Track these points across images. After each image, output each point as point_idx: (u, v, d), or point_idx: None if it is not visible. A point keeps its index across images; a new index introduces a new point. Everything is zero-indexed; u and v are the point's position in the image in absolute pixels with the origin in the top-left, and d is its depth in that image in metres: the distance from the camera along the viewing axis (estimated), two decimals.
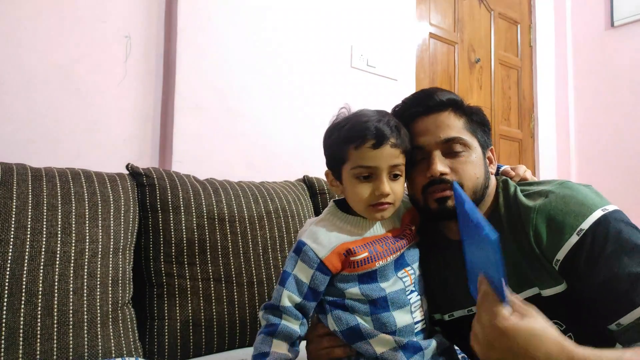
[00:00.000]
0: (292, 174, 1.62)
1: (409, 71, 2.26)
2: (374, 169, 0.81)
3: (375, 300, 0.82)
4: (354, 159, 0.82)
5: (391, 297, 0.83)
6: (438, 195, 0.84)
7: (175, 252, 1.13)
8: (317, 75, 1.88)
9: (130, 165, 1.20)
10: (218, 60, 1.60)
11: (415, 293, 0.86)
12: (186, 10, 1.53)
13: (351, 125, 0.83)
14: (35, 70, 1.29)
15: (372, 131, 0.80)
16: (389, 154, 0.81)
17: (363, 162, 0.81)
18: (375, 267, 0.83)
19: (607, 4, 3.00)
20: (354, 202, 0.85)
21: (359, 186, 0.82)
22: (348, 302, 0.84)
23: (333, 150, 0.86)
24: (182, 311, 1.11)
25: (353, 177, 0.83)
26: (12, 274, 0.90)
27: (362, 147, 0.80)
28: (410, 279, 0.86)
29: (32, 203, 0.96)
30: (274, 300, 0.83)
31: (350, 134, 0.82)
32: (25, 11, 1.29)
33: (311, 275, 0.82)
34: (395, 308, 0.83)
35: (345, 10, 1.99)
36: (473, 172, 0.85)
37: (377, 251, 0.84)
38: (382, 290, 0.83)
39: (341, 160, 0.84)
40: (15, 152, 1.24)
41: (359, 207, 0.84)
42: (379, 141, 0.80)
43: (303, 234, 0.87)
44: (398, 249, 0.86)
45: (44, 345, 0.90)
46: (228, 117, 1.61)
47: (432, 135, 0.85)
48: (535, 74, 3.08)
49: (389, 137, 0.80)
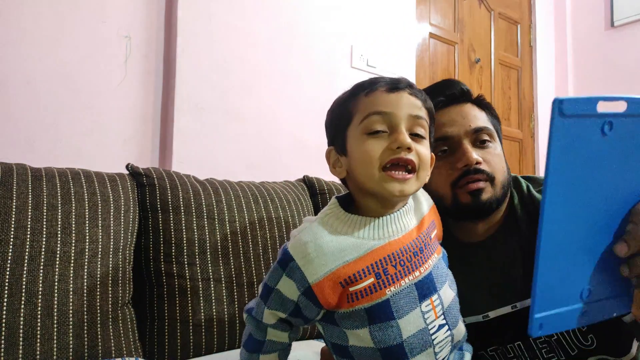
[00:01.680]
0: (292, 174, 1.62)
1: (409, 71, 2.26)
2: (390, 117, 0.63)
3: (388, 348, 0.62)
4: (364, 106, 0.64)
5: (409, 344, 0.62)
6: (473, 186, 0.77)
7: (175, 252, 1.13)
8: (317, 75, 1.88)
9: (130, 166, 1.20)
10: (218, 60, 1.60)
11: (445, 328, 0.65)
12: (186, 10, 1.53)
13: (359, 83, 0.69)
14: (35, 70, 1.29)
15: (386, 79, 0.67)
16: (408, 101, 0.64)
17: (376, 107, 0.63)
18: (387, 295, 0.62)
19: (607, 4, 3.00)
20: (364, 168, 0.63)
21: (370, 142, 0.62)
22: (352, 348, 0.64)
23: (338, 112, 0.69)
24: (182, 311, 1.11)
25: (362, 133, 0.63)
26: (12, 274, 0.90)
27: (374, 92, 0.64)
28: (435, 312, 0.64)
29: (32, 203, 0.96)
30: (256, 314, 0.69)
31: (359, 87, 0.67)
32: (25, 11, 1.29)
33: (298, 296, 0.63)
34: (414, 354, 0.63)
35: (345, 10, 1.99)
36: (501, 164, 0.82)
37: (388, 273, 0.62)
38: (399, 334, 0.62)
39: (347, 119, 0.66)
40: (15, 152, 1.24)
41: (370, 173, 0.62)
42: (395, 85, 0.65)
43: (292, 239, 0.66)
44: (420, 264, 0.65)
45: (43, 346, 0.90)
46: (228, 117, 1.61)
47: (459, 125, 0.81)
48: (535, 74, 3.08)
49: (406, 85, 0.65)
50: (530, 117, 3.06)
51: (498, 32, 2.90)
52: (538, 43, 3.10)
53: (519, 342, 0.85)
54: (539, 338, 0.82)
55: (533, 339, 0.83)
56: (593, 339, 0.79)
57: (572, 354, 0.81)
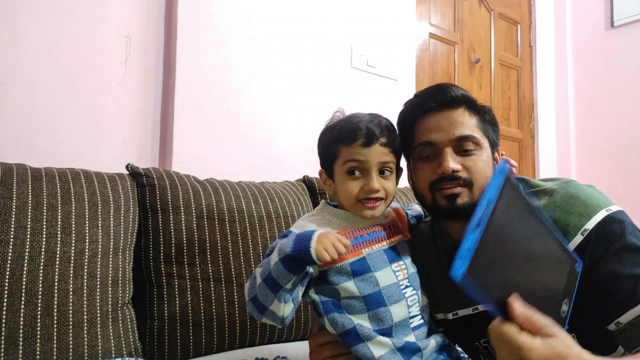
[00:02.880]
0: (292, 174, 1.62)
1: (409, 71, 2.26)
2: (364, 164, 0.84)
3: (370, 295, 0.82)
4: (345, 154, 0.85)
5: (385, 292, 0.82)
6: (448, 192, 0.83)
7: (175, 252, 1.13)
8: (317, 75, 1.88)
9: (130, 166, 1.20)
10: (218, 60, 1.60)
11: (411, 288, 0.86)
12: (186, 10, 1.53)
13: (344, 127, 0.86)
14: (35, 70, 1.29)
15: (363, 130, 0.84)
16: (378, 152, 0.84)
17: (353, 156, 0.84)
18: (363, 254, 0.84)
19: (607, 4, 3.00)
20: (344, 198, 0.87)
21: (350, 182, 0.85)
22: (344, 302, 0.83)
23: (326, 149, 0.89)
24: (182, 311, 1.11)
25: (344, 172, 0.86)
26: (12, 274, 0.90)
27: (353, 144, 0.84)
28: (403, 273, 0.86)
29: (32, 203, 0.96)
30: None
31: (343, 134, 0.86)
32: (25, 11, 1.29)
33: None
34: (391, 302, 0.82)
35: (345, 10, 1.99)
36: (484, 170, 0.84)
37: (364, 239, 0.85)
38: (377, 283, 0.82)
39: (333, 157, 0.87)
40: (15, 152, 1.24)
41: (349, 202, 0.86)
42: (369, 140, 0.83)
43: (293, 226, 0.89)
44: (385, 238, 0.88)
45: (43, 346, 0.90)
46: (228, 117, 1.61)
47: (444, 132, 0.84)
48: (535, 74, 3.08)
49: (379, 137, 0.84)
50: (530, 117, 3.06)
51: (498, 32, 2.90)
52: (538, 43, 3.10)
53: None
54: None
55: None
56: (574, 338, 0.81)
57: None
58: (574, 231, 0.77)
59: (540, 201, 0.82)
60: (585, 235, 0.76)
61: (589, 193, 0.81)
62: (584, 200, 0.79)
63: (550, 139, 3.12)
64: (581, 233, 0.76)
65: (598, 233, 0.76)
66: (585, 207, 0.78)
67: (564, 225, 0.78)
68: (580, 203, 0.79)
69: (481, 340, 0.93)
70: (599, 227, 0.76)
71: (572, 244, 0.77)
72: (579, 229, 0.77)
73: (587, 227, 0.76)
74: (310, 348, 0.89)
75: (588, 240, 0.76)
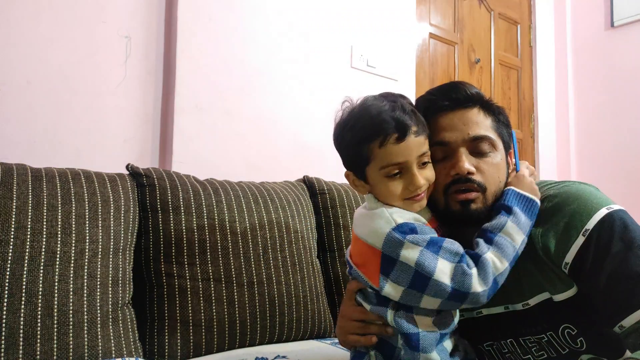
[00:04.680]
0: (292, 174, 1.62)
1: (409, 71, 2.26)
2: (404, 164, 0.77)
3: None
4: (380, 157, 0.77)
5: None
6: (462, 196, 0.80)
7: (175, 252, 1.13)
8: (317, 75, 1.88)
9: (130, 166, 1.20)
10: (218, 60, 1.60)
11: None
12: (186, 10, 1.53)
13: (365, 122, 0.77)
14: (36, 70, 1.29)
15: (392, 124, 0.75)
16: (415, 144, 0.76)
17: (392, 160, 0.76)
18: None
19: (607, 4, 3.00)
20: (389, 198, 0.79)
21: (392, 184, 0.78)
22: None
23: (353, 152, 0.80)
24: (182, 311, 1.11)
25: (383, 176, 0.78)
26: (12, 274, 0.90)
27: (386, 144, 0.76)
28: None
29: (32, 203, 0.96)
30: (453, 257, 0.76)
31: (369, 132, 0.77)
32: (25, 11, 1.29)
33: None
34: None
35: (345, 10, 1.99)
36: (497, 175, 0.82)
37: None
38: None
39: (365, 161, 0.79)
40: (15, 152, 1.24)
41: (396, 202, 0.79)
42: (402, 133, 0.75)
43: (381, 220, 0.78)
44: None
45: (44, 346, 0.90)
46: (228, 117, 1.61)
47: (459, 132, 0.81)
48: (535, 74, 3.08)
49: (411, 126, 0.76)
50: (530, 117, 3.06)
51: (498, 32, 2.90)
52: (538, 43, 3.09)
53: (511, 339, 0.87)
54: (529, 337, 0.85)
55: (523, 338, 0.86)
56: (583, 342, 0.81)
57: (563, 352, 0.83)
58: (576, 233, 0.76)
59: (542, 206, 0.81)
60: (586, 236, 0.75)
61: (589, 192, 0.80)
62: (585, 200, 0.78)
63: (550, 139, 3.12)
64: (582, 234, 0.75)
65: (599, 232, 0.75)
66: (585, 207, 0.77)
67: (566, 228, 0.77)
68: (581, 203, 0.78)
69: (484, 344, 0.92)
70: (600, 226, 0.75)
71: (575, 246, 0.76)
72: (580, 230, 0.76)
73: (588, 227, 0.75)
74: (342, 312, 0.86)
75: (590, 240, 0.75)
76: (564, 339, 0.82)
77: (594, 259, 0.74)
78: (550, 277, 0.80)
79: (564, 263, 0.77)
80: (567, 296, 0.79)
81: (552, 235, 0.78)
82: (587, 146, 3.05)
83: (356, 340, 0.81)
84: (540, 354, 0.85)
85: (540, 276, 0.81)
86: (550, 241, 0.78)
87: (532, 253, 0.80)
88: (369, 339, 0.79)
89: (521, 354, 0.87)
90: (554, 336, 0.82)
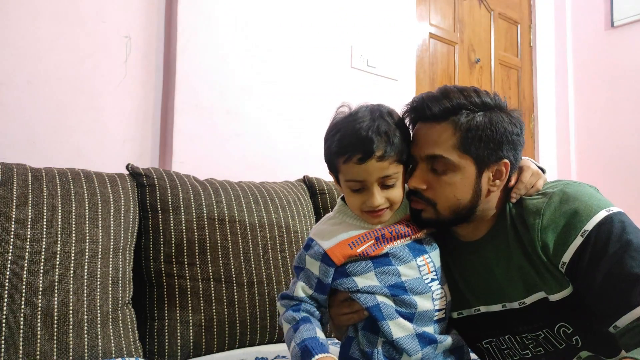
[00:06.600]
0: (292, 174, 1.62)
1: (409, 71, 2.26)
2: (363, 182, 0.82)
3: (392, 285, 0.82)
4: (344, 172, 0.83)
5: (409, 285, 0.83)
6: (413, 205, 0.86)
7: (175, 252, 1.13)
8: (317, 75, 1.88)
9: (130, 166, 1.20)
10: (218, 60, 1.60)
11: (437, 282, 0.86)
12: (186, 10, 1.53)
13: (340, 137, 0.82)
14: (36, 70, 1.29)
15: (358, 146, 0.79)
16: (375, 168, 0.80)
17: (352, 177, 0.82)
18: (385, 250, 0.83)
19: (607, 4, 3.00)
20: (350, 207, 0.87)
21: (352, 196, 0.84)
22: (362, 289, 0.83)
23: (328, 157, 0.87)
24: (182, 311, 1.11)
25: (346, 187, 0.85)
26: (12, 274, 0.90)
27: (348, 162, 0.81)
28: (427, 267, 0.85)
29: (32, 203, 0.96)
30: (289, 291, 0.88)
31: (338, 148, 0.82)
32: (25, 12, 1.29)
33: (318, 267, 0.84)
34: (415, 294, 0.82)
35: (345, 10, 1.99)
36: (452, 193, 0.82)
37: (385, 237, 0.84)
38: (398, 275, 0.82)
39: (335, 169, 0.86)
40: (15, 152, 1.24)
41: (356, 212, 0.86)
42: (365, 156, 0.79)
43: (313, 230, 0.90)
44: (408, 234, 0.86)
45: (44, 346, 0.90)
46: (228, 117, 1.61)
47: (419, 148, 0.84)
48: (535, 74, 3.08)
49: (375, 151, 0.79)
50: (530, 117, 3.06)
51: (498, 32, 2.89)
52: (538, 43, 3.09)
53: (509, 336, 0.90)
54: (526, 335, 0.87)
55: (520, 335, 0.88)
56: (578, 340, 0.83)
57: (560, 347, 0.85)
58: (575, 233, 0.77)
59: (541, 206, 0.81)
60: (585, 237, 0.76)
61: (589, 193, 0.81)
62: (584, 201, 0.79)
63: (550, 139, 3.12)
64: (581, 235, 0.76)
65: (597, 233, 0.75)
66: (584, 208, 0.78)
67: (564, 228, 0.78)
68: (580, 205, 0.78)
69: (483, 341, 0.94)
70: (599, 228, 0.76)
71: (573, 246, 0.77)
72: (579, 230, 0.77)
73: (587, 229, 0.76)
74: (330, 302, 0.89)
75: (588, 241, 0.76)
76: (560, 336, 0.84)
77: (591, 258, 0.75)
78: (545, 277, 0.81)
79: (561, 262, 0.78)
80: (562, 296, 0.80)
81: (552, 233, 0.79)
82: (587, 146, 3.05)
83: (349, 318, 0.85)
84: (538, 350, 0.87)
85: (536, 276, 0.82)
86: (550, 239, 0.79)
87: (530, 250, 0.81)
88: (360, 313, 0.83)
89: (519, 349, 0.89)
90: (550, 333, 0.85)
